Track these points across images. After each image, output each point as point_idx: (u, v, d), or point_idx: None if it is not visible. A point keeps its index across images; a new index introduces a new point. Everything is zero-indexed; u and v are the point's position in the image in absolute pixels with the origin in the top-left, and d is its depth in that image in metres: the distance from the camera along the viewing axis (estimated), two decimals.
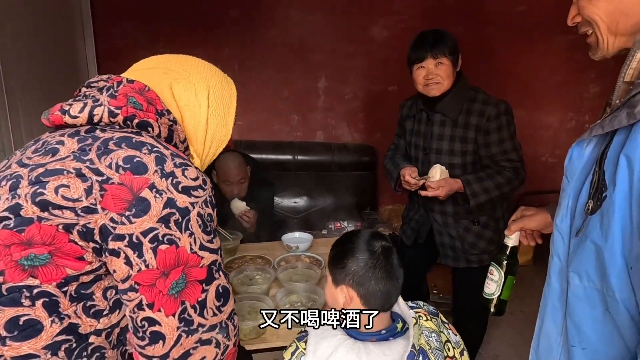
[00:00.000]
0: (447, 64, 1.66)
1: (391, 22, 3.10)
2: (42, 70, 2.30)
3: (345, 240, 1.07)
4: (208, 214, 0.74)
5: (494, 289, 1.42)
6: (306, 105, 3.18)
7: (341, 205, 3.02)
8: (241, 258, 1.83)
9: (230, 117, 0.93)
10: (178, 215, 0.69)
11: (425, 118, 1.81)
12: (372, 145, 3.18)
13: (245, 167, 2.18)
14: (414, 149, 1.87)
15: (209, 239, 0.73)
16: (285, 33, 3.03)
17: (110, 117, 0.75)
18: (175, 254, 0.68)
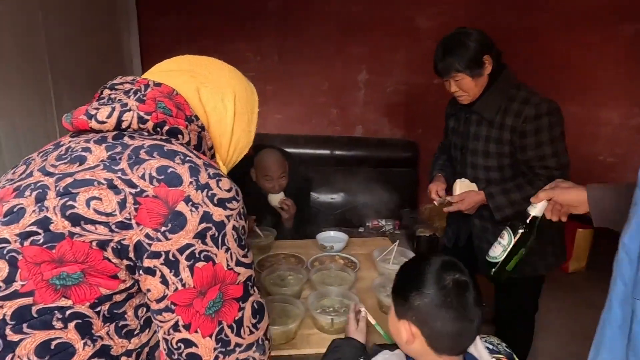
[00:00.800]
0: (465, 79, 1.55)
1: (435, 12, 2.95)
2: (88, 63, 2.35)
3: (411, 267, 0.96)
4: (242, 226, 0.70)
5: (498, 253, 1.33)
6: (346, 98, 3.10)
7: (379, 203, 2.92)
8: (274, 256, 1.79)
9: (253, 124, 0.90)
10: (214, 229, 0.65)
11: (463, 116, 1.72)
12: (413, 141, 3.06)
13: (284, 162, 2.15)
14: (453, 149, 1.81)
15: (243, 253, 0.69)
16: (326, 24, 2.95)
17: (139, 123, 0.71)
18: (212, 272, 0.65)
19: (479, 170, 1.67)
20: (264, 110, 3.09)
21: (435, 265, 0.89)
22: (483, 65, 1.56)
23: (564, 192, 1.09)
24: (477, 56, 1.54)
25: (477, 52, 1.54)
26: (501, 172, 1.64)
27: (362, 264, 1.76)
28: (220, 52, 3.05)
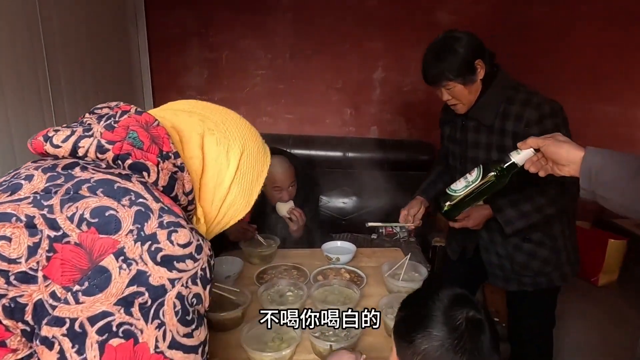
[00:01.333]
0: (456, 87, 1.44)
1: (459, 6, 2.76)
2: (91, 60, 2.27)
3: (415, 302, 0.82)
4: (195, 294, 0.56)
5: (459, 187, 1.29)
6: (360, 97, 2.95)
7: (394, 208, 2.73)
8: (275, 268, 1.67)
9: (256, 189, 0.80)
10: (147, 296, 0.51)
11: (460, 123, 1.59)
12: (430, 143, 2.89)
13: (292, 170, 2.03)
14: (452, 158, 1.70)
15: (187, 331, 0.54)
16: (341, 19, 2.81)
17: (98, 152, 0.61)
18: (130, 354, 0.50)
19: None
20: (275, 110, 2.97)
21: (444, 301, 0.76)
22: (475, 70, 1.43)
23: (556, 145, 0.98)
24: (468, 62, 1.42)
25: (468, 58, 1.41)
26: None
27: (369, 278, 1.62)
28: (230, 48, 2.97)
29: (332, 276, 1.60)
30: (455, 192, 1.30)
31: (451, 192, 1.31)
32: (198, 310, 0.56)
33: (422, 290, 0.87)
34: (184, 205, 0.67)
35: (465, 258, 1.75)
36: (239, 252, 1.78)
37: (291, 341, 1.19)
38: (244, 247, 1.77)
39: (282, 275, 1.61)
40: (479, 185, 1.23)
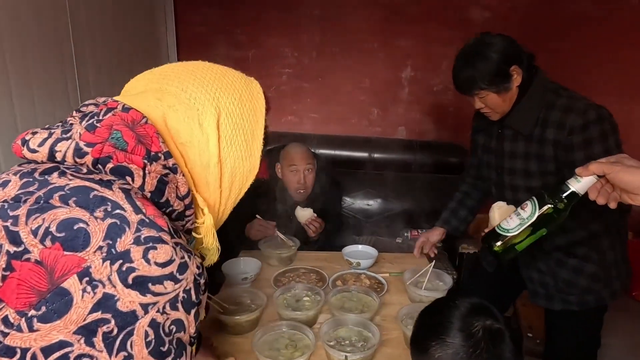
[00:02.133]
0: (490, 95, 1.34)
1: (494, 2, 2.64)
2: (119, 57, 2.30)
3: (432, 311, 0.80)
4: (174, 321, 0.49)
5: (514, 225, 1.10)
6: (388, 97, 2.87)
7: (420, 211, 2.68)
8: (294, 271, 1.63)
9: (257, 142, 0.68)
10: (113, 324, 0.44)
11: (496, 132, 1.48)
12: (461, 145, 2.78)
13: (311, 155, 2.02)
14: (486, 169, 1.58)
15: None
16: (369, 17, 2.74)
17: (75, 156, 0.54)
18: None
19: (520, 192, 1.45)
20: (300, 109, 2.93)
21: (462, 309, 0.73)
22: (510, 78, 1.32)
23: (625, 172, 0.84)
24: (502, 69, 1.31)
25: (502, 65, 1.31)
26: None
27: (390, 284, 1.56)
28: (256, 46, 2.95)
29: (351, 281, 1.54)
30: (507, 231, 1.12)
31: (502, 232, 1.14)
32: (179, 338, 0.49)
33: (439, 301, 0.82)
34: (180, 211, 0.60)
35: (502, 271, 1.63)
36: (258, 252, 1.75)
37: (305, 349, 1.15)
38: (263, 248, 1.74)
39: (301, 279, 1.57)
40: (536, 221, 1.07)
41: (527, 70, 1.35)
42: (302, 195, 2.00)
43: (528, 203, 1.09)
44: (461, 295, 0.83)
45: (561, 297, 1.46)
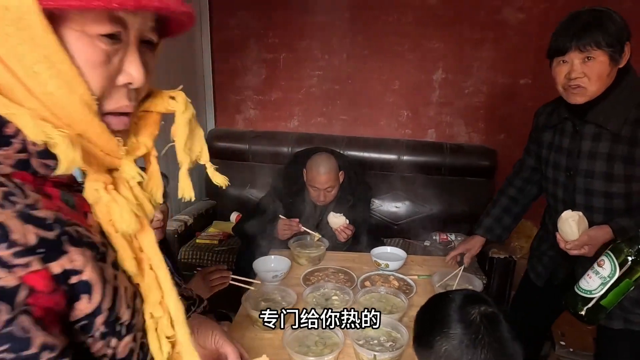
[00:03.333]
0: (601, 60, 1.18)
1: (529, 3, 2.59)
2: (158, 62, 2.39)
3: (429, 307, 0.84)
4: None
5: (595, 286, 1.06)
6: (418, 99, 2.86)
7: (450, 215, 2.66)
8: (323, 270, 1.66)
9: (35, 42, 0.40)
10: None
11: (570, 129, 1.35)
12: (493, 148, 2.74)
13: (337, 173, 1.99)
14: (552, 170, 1.42)
15: None
16: (400, 19, 2.74)
17: None
18: None
19: (596, 197, 1.31)
20: (330, 111, 2.96)
21: (457, 300, 0.78)
22: (622, 52, 1.19)
23: None
24: (622, 38, 1.18)
25: (622, 33, 1.18)
26: (628, 200, 1.27)
27: (419, 287, 1.56)
28: (288, 49, 3.00)
29: (379, 283, 1.55)
30: (591, 293, 1.08)
31: (585, 294, 1.09)
32: None
33: (434, 297, 0.88)
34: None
35: (553, 284, 1.51)
36: (288, 252, 1.78)
37: (334, 347, 1.17)
38: (293, 247, 1.77)
39: (329, 278, 1.59)
40: (617, 275, 1.03)
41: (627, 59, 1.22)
42: (323, 204, 2.03)
43: (604, 259, 1.02)
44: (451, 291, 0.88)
45: (623, 315, 1.33)
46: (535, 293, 1.57)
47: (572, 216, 1.22)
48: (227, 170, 2.76)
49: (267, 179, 2.43)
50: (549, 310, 1.60)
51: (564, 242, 1.26)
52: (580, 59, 1.20)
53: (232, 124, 3.08)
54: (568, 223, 1.22)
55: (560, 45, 1.22)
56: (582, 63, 1.20)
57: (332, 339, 1.20)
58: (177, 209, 2.74)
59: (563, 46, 1.21)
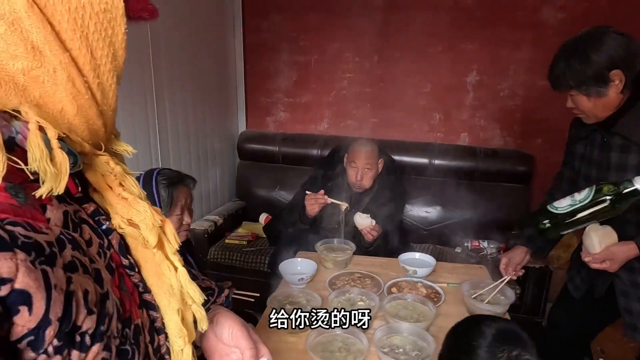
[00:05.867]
0: (581, 97, 1.24)
1: (569, 1, 2.48)
2: (191, 63, 2.45)
3: (460, 331, 0.77)
4: None
5: (563, 205, 1.13)
6: (451, 102, 2.80)
7: (482, 221, 2.57)
8: (349, 275, 1.64)
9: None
10: None
11: (599, 140, 1.33)
12: (529, 154, 2.64)
13: (376, 155, 2.05)
14: (583, 181, 1.40)
15: None
16: (433, 21, 2.68)
17: None
18: None
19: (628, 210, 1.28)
20: (360, 113, 2.94)
21: (488, 334, 0.70)
22: (607, 83, 1.19)
23: None
24: (600, 73, 1.19)
25: (600, 68, 1.18)
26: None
27: (448, 295, 1.51)
28: (319, 52, 3.00)
29: (407, 289, 1.52)
30: (557, 209, 1.15)
31: (552, 209, 1.17)
32: None
33: (469, 319, 0.80)
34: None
35: (593, 297, 1.46)
36: (315, 254, 1.77)
37: (358, 354, 1.15)
38: (319, 250, 1.76)
39: (355, 283, 1.57)
40: (588, 207, 1.08)
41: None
42: (359, 190, 2.05)
43: (586, 189, 1.10)
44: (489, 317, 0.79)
45: None
46: (574, 306, 1.51)
47: (594, 229, 1.21)
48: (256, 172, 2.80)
49: (296, 181, 2.44)
50: (588, 325, 1.53)
51: (586, 255, 1.26)
52: (569, 97, 1.28)
53: (262, 126, 3.11)
54: (589, 236, 1.22)
55: (550, 84, 1.31)
56: (570, 97, 1.27)
57: (356, 346, 1.18)
58: (208, 209, 2.79)
59: (551, 85, 1.31)
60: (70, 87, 0.41)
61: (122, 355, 0.46)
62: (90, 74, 0.42)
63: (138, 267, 0.53)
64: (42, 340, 0.38)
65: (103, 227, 0.50)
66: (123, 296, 0.49)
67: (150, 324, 0.53)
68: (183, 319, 0.54)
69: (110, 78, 0.44)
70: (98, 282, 0.45)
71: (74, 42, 0.40)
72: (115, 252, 0.50)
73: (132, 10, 0.44)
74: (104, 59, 0.43)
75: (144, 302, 0.53)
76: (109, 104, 0.45)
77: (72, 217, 0.45)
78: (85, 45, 0.41)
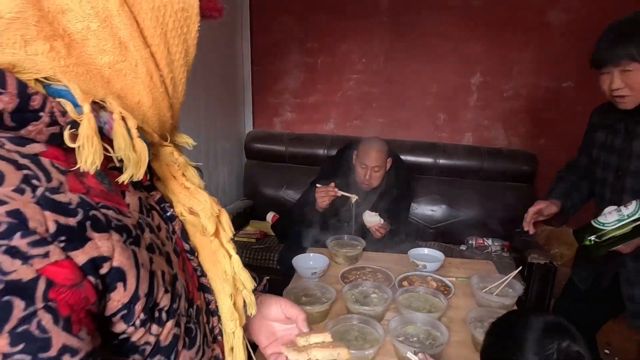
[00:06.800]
0: (638, 72, 1.21)
1: (575, 4, 2.54)
2: (200, 63, 2.49)
3: (503, 327, 0.77)
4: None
5: (610, 221, 1.09)
6: (456, 103, 2.85)
7: (487, 220, 2.62)
8: (361, 269, 1.68)
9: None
10: None
11: (623, 129, 1.36)
12: (532, 153, 2.69)
13: (385, 155, 2.10)
14: (601, 170, 1.42)
15: None
16: (439, 23, 2.74)
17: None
18: None
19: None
20: (367, 114, 2.99)
21: (537, 327, 0.70)
22: None
23: None
24: None
25: None
26: None
27: (457, 289, 1.56)
28: (326, 53, 3.05)
29: (417, 283, 1.56)
30: (603, 225, 1.12)
31: (598, 225, 1.13)
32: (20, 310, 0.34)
33: (513, 313, 0.81)
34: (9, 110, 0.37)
35: (598, 289, 1.50)
36: (325, 250, 1.82)
37: (374, 342, 1.19)
38: (330, 246, 1.81)
39: (367, 277, 1.61)
40: (635, 220, 1.06)
41: None
42: (367, 188, 2.09)
43: (633, 202, 1.07)
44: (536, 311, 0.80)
45: None
46: (579, 298, 1.55)
47: (609, 210, 1.22)
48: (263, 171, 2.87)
49: (303, 180, 2.48)
50: (593, 317, 1.57)
51: None
52: (618, 71, 1.24)
53: (269, 126, 3.16)
54: (604, 216, 1.23)
55: (597, 59, 1.27)
56: (621, 74, 1.24)
57: (372, 335, 1.22)
58: None
59: (600, 60, 1.27)
60: (148, 80, 0.44)
61: (188, 333, 0.50)
62: (166, 69, 0.46)
63: (196, 252, 0.57)
64: (132, 314, 0.42)
65: (167, 214, 0.53)
66: (186, 278, 0.52)
67: (205, 306, 0.57)
68: (235, 304, 0.58)
69: (182, 73, 0.48)
70: (169, 263, 0.48)
71: (154, 38, 0.44)
72: (178, 238, 0.54)
73: (204, 9, 0.48)
74: (177, 55, 0.47)
75: (201, 285, 0.57)
76: (178, 97, 0.50)
77: (145, 204, 0.49)
78: (163, 41, 0.45)
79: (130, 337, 0.43)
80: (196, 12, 0.47)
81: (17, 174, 0.36)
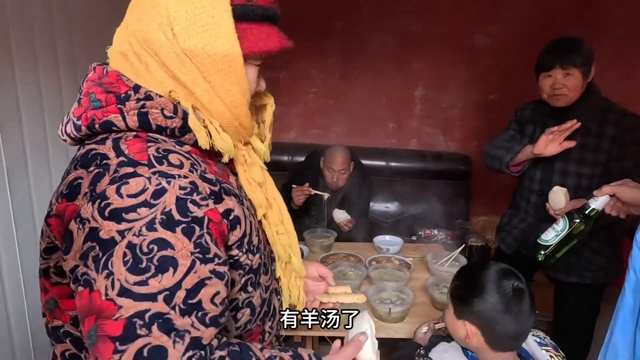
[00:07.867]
0: (576, 76, 1.58)
1: (496, 30, 3.04)
2: None
3: (471, 274, 1.02)
4: (153, 240, 0.55)
5: (550, 237, 1.37)
6: (402, 113, 3.26)
7: (432, 213, 3.04)
8: (335, 255, 1.99)
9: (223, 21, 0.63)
10: (98, 249, 0.55)
11: (552, 124, 1.68)
12: (467, 155, 3.16)
13: (349, 160, 2.38)
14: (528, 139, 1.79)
15: (139, 279, 0.54)
16: (387, 44, 3.14)
17: (76, 131, 0.65)
18: (88, 300, 0.55)
19: (569, 177, 1.70)
20: (325, 123, 3.32)
21: (494, 274, 0.97)
22: (590, 71, 1.61)
23: (629, 191, 1.12)
24: (590, 61, 1.60)
25: (590, 57, 1.59)
26: (591, 180, 1.66)
27: (415, 266, 1.90)
28: (287, 69, 3.35)
29: (384, 262, 1.89)
30: (547, 242, 1.38)
31: (543, 242, 1.39)
32: (164, 255, 0.55)
33: (474, 264, 1.10)
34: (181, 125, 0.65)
35: (519, 253, 1.84)
36: (303, 242, 2.10)
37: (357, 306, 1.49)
38: (307, 238, 2.10)
39: (342, 260, 1.92)
40: (568, 233, 1.35)
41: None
42: (334, 188, 2.39)
43: (560, 220, 1.36)
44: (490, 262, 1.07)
45: (579, 272, 1.71)
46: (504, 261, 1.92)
47: (562, 190, 1.57)
48: None
49: None
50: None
51: (552, 210, 1.59)
52: (562, 74, 1.59)
53: None
54: (559, 195, 1.56)
55: (546, 63, 1.62)
56: (563, 77, 1.59)
57: None
58: None
59: (548, 65, 1.61)
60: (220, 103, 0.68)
61: (265, 265, 0.78)
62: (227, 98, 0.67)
63: None
64: (242, 245, 0.70)
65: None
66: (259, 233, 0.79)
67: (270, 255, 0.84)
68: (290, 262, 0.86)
69: (238, 100, 0.68)
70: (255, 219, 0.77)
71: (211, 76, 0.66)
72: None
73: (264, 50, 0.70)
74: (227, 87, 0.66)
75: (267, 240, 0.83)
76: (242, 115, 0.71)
77: (237, 184, 0.78)
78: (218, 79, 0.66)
79: (239, 259, 0.70)
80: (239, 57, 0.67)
81: (188, 162, 0.66)
